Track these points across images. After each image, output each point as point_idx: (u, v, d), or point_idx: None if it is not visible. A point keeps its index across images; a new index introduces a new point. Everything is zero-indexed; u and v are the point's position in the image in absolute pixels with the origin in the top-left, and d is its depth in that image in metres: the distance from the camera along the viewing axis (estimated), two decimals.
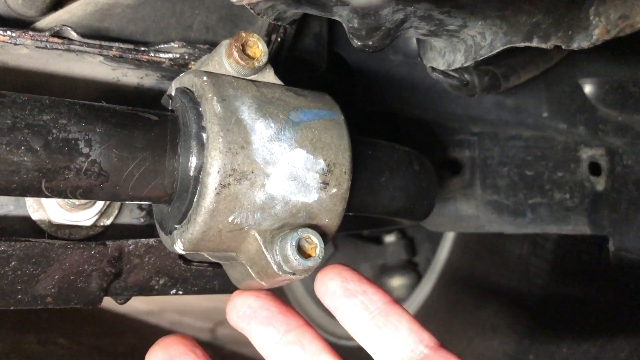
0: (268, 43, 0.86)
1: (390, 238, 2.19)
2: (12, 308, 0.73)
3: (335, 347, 0.67)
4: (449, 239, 1.74)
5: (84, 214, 0.79)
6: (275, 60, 0.88)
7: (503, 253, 1.55)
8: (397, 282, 2.11)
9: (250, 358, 2.83)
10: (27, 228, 0.79)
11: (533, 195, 1.28)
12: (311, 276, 0.69)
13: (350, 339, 2.23)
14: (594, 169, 1.32)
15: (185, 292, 0.83)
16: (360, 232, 2.25)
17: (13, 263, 0.71)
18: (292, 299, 2.28)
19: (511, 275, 1.53)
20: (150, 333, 3.11)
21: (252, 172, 0.66)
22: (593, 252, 1.46)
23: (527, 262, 1.49)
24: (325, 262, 0.66)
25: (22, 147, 0.59)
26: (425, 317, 1.77)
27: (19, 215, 0.79)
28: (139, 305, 3.59)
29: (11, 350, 2.47)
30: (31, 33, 0.74)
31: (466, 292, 1.64)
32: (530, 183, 1.29)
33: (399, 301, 0.70)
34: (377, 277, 2.20)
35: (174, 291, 0.83)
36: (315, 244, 0.68)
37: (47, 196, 0.62)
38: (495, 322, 1.55)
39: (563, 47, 0.58)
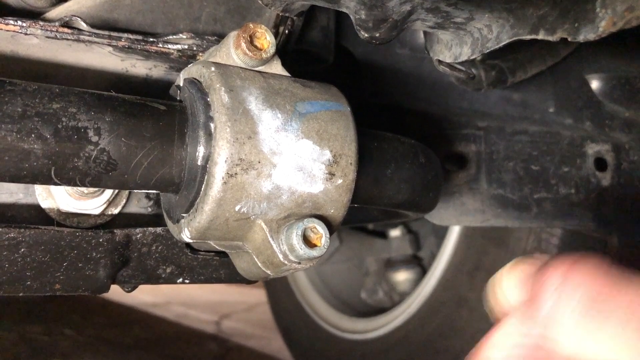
0: (276, 35, 0.87)
1: (395, 232, 2.19)
2: (21, 294, 0.74)
3: (339, 341, 0.66)
4: (453, 233, 1.74)
5: (92, 203, 0.80)
6: (283, 53, 0.89)
7: (508, 248, 1.55)
8: (402, 276, 2.11)
9: (254, 350, 2.84)
10: (36, 216, 0.80)
11: (538, 190, 1.28)
12: (317, 269, 0.69)
13: (354, 332, 2.21)
14: (600, 164, 1.32)
15: (192, 281, 0.84)
16: (365, 226, 2.25)
17: (22, 250, 0.72)
18: (298, 292, 2.29)
19: None
20: (156, 325, 3.13)
21: (259, 162, 0.66)
22: (598, 247, 1.45)
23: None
24: (330, 256, 0.67)
25: (33, 135, 0.60)
26: (430, 312, 1.77)
27: (29, 203, 0.80)
28: (145, 298, 3.61)
29: (18, 340, 2.49)
30: (41, 23, 0.75)
31: (470, 287, 1.64)
32: (536, 178, 1.29)
33: (403, 296, 0.66)
34: (382, 271, 2.20)
35: (180, 280, 0.83)
36: (321, 234, 0.69)
37: (56, 184, 0.63)
38: None
39: (569, 39, 0.58)
